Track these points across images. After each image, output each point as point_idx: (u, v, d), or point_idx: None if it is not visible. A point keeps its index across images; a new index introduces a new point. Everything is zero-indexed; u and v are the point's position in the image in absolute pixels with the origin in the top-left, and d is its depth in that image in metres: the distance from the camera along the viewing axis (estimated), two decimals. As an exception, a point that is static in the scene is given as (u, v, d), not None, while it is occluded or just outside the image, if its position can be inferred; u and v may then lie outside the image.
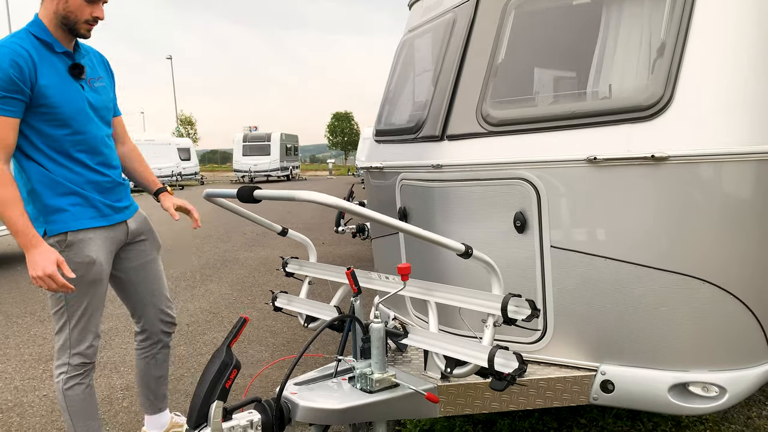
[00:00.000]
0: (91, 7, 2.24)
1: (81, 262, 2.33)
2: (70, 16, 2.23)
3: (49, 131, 2.26)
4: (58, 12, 2.22)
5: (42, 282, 2.15)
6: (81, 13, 2.23)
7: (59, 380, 2.47)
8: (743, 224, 2.21)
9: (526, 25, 2.64)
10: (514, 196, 2.43)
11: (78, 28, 2.26)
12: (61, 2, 2.20)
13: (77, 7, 2.21)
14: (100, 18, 2.30)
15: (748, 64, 2.20)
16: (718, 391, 2.25)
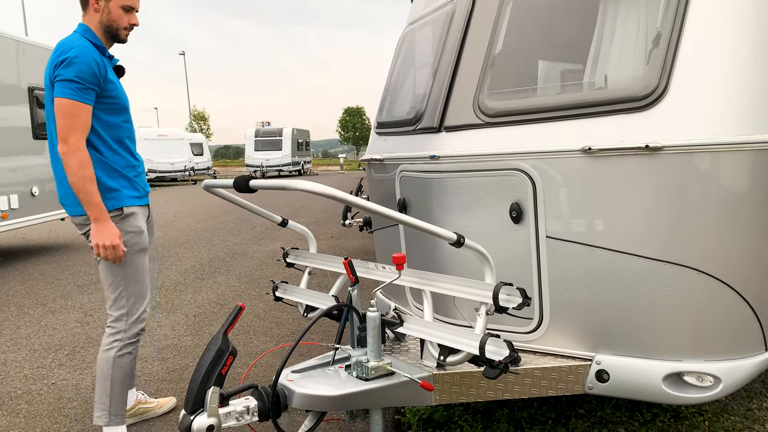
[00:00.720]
0: (128, 15, 2.65)
1: (133, 232, 2.70)
2: (112, 25, 2.63)
3: (110, 119, 2.64)
4: (103, 21, 2.62)
5: (105, 251, 2.56)
6: (121, 21, 2.64)
7: (112, 348, 2.71)
8: (739, 214, 2.21)
9: (523, 17, 2.65)
10: (510, 187, 2.44)
11: (119, 34, 2.68)
12: (104, 13, 2.61)
13: (118, 16, 2.62)
14: (136, 24, 2.71)
15: (743, 54, 2.19)
16: (712, 380, 2.25)
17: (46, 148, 8.48)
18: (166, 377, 3.78)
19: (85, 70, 2.46)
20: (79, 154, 2.48)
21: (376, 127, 3.54)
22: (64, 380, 3.77)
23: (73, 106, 2.45)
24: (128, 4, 2.64)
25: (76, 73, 2.45)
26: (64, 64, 2.45)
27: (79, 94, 2.46)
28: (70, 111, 2.45)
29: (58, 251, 8.77)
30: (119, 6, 2.62)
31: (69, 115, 2.45)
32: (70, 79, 2.44)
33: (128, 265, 2.68)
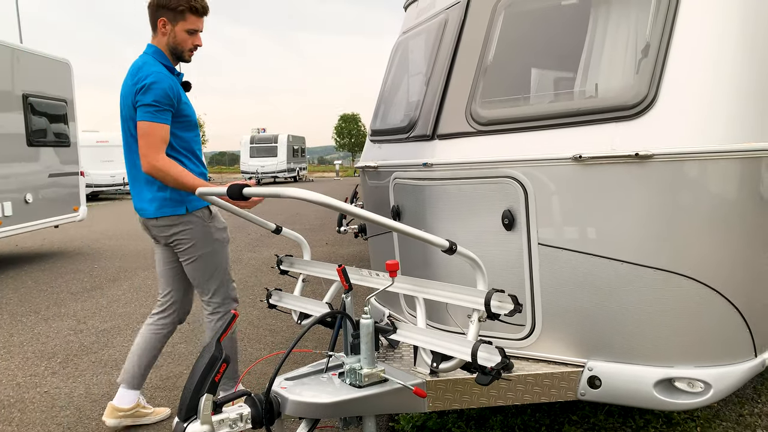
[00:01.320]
0: (192, 37, 2.83)
1: (222, 228, 2.99)
2: (178, 47, 2.82)
3: (184, 135, 2.84)
4: (169, 44, 2.81)
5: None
6: (186, 44, 2.83)
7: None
8: (728, 222, 2.24)
9: (515, 26, 2.68)
10: (503, 194, 2.46)
11: (184, 55, 2.87)
12: (170, 36, 2.79)
13: (183, 39, 2.81)
14: (200, 45, 2.88)
15: (731, 63, 2.23)
16: (703, 386, 2.27)
17: (40, 155, 8.48)
18: (160, 385, 3.77)
19: (161, 94, 2.66)
20: (159, 163, 2.67)
21: (371, 134, 3.56)
22: (57, 388, 3.75)
23: (149, 127, 2.66)
24: (192, 27, 2.80)
25: (154, 98, 2.65)
26: (143, 91, 2.66)
27: (156, 116, 2.66)
28: (147, 131, 2.66)
29: (51, 259, 8.74)
30: (184, 30, 2.79)
31: (146, 134, 2.67)
32: (148, 104, 2.65)
33: (221, 256, 2.95)
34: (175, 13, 2.74)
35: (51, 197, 8.75)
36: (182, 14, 2.75)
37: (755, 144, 2.21)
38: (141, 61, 2.78)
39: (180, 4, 2.73)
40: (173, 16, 2.75)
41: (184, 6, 2.73)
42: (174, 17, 2.76)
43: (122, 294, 6.31)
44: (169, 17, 2.76)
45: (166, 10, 2.75)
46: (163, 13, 2.76)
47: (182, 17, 2.76)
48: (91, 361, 4.25)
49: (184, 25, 2.77)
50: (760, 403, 3.25)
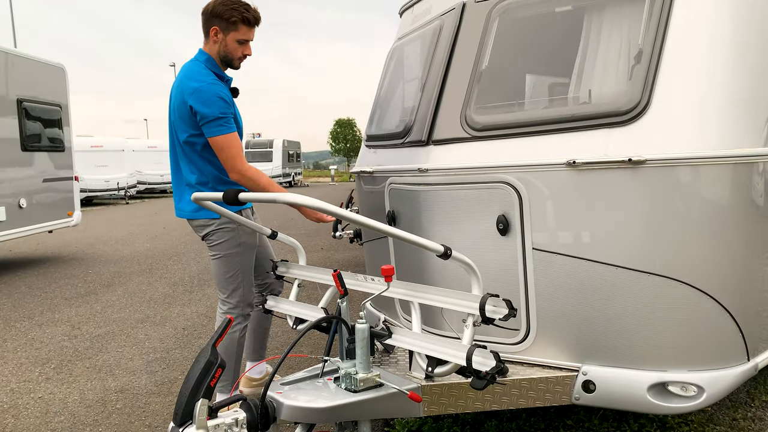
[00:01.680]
0: (242, 47, 2.89)
1: (249, 232, 3.00)
2: (228, 55, 2.88)
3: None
4: (220, 52, 2.87)
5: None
6: (236, 53, 2.89)
7: (235, 331, 3.03)
8: (720, 227, 2.26)
9: (509, 33, 2.70)
10: (497, 200, 2.48)
11: (234, 63, 2.93)
12: (221, 45, 2.85)
13: (233, 48, 2.87)
14: (249, 55, 2.94)
15: (722, 70, 2.25)
16: (696, 390, 2.29)
17: (34, 160, 8.46)
18: (155, 390, 3.76)
19: (220, 105, 2.74)
20: (248, 173, 2.79)
21: (366, 139, 3.58)
22: (51, 394, 3.74)
23: (224, 140, 2.75)
24: (243, 37, 2.86)
25: (214, 111, 2.72)
26: (201, 103, 2.71)
27: (224, 128, 2.75)
28: (224, 145, 2.75)
29: (45, 264, 8.71)
30: (235, 40, 2.84)
31: (224, 148, 2.76)
32: (215, 118, 2.72)
33: (244, 259, 3.01)
34: (228, 23, 2.80)
35: (45, 202, 8.72)
36: (234, 25, 2.81)
37: (747, 150, 2.23)
38: (192, 69, 2.83)
39: (233, 15, 2.79)
40: (226, 26, 2.81)
41: (237, 17, 2.79)
42: (226, 27, 2.81)
43: (117, 299, 6.29)
44: (222, 27, 2.81)
45: (219, 20, 2.81)
46: (216, 23, 2.82)
47: (234, 28, 2.82)
48: (85, 366, 4.23)
49: (236, 35, 2.83)
50: (754, 407, 3.27)
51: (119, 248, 10.05)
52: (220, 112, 2.73)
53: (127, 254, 9.37)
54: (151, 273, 7.66)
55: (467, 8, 2.83)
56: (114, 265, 8.36)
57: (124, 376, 4.01)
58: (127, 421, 3.33)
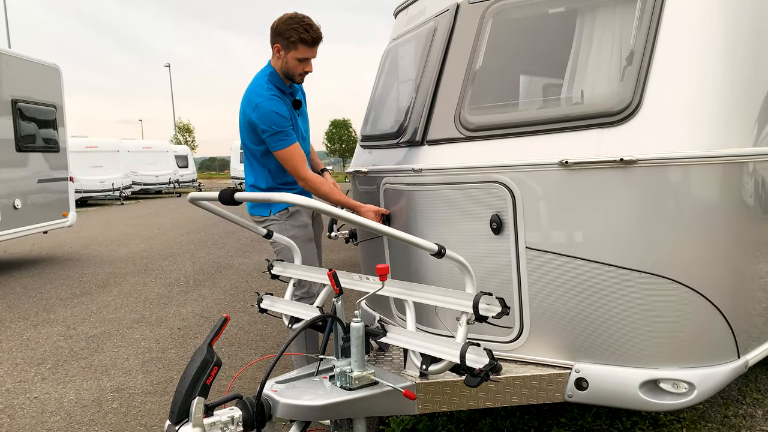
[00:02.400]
0: (302, 64, 2.99)
1: (299, 226, 3.12)
2: (289, 72, 3.00)
3: None
4: (282, 67, 3.00)
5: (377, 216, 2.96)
6: (296, 69, 2.99)
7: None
8: (711, 226, 2.29)
9: (503, 34, 2.72)
10: (491, 199, 2.50)
11: (295, 78, 3.04)
12: (283, 62, 2.97)
13: (294, 65, 2.97)
14: (309, 71, 3.04)
15: (713, 71, 2.28)
16: (687, 387, 2.31)
17: (29, 160, 8.45)
18: (151, 390, 3.77)
19: (276, 120, 2.88)
20: (312, 181, 2.94)
21: (361, 140, 3.60)
22: (47, 394, 3.75)
23: (285, 153, 2.91)
24: (303, 56, 2.95)
25: (272, 127, 2.87)
26: (260, 119, 2.88)
27: (284, 142, 2.89)
28: (285, 157, 2.92)
29: (40, 264, 8.70)
30: (295, 58, 2.94)
31: (286, 160, 2.92)
32: (273, 133, 2.88)
33: (301, 252, 3.04)
34: (288, 42, 2.91)
35: (40, 203, 8.71)
36: (294, 44, 2.91)
37: (737, 150, 2.26)
38: (256, 83, 3.00)
39: (292, 36, 2.89)
40: (286, 44, 2.92)
41: (296, 38, 2.89)
42: (287, 45, 2.92)
43: (112, 300, 6.29)
44: (283, 45, 2.93)
45: (281, 38, 2.93)
46: (278, 41, 2.94)
47: (294, 47, 2.92)
48: (81, 366, 4.24)
49: (296, 53, 2.93)
50: (745, 404, 3.30)
51: (114, 249, 10.04)
52: (278, 127, 2.87)
53: (122, 255, 9.36)
54: (146, 273, 7.66)
55: (461, 9, 2.86)
56: (109, 266, 8.35)
57: (120, 376, 4.02)
58: (123, 421, 3.34)
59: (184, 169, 29.59)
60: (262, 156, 3.04)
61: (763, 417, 3.15)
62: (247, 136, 3.03)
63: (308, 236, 3.16)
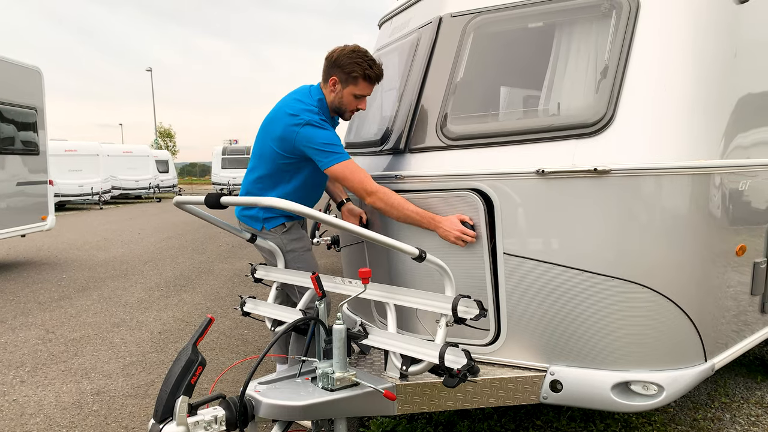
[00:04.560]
0: (357, 101, 2.81)
1: (296, 238, 2.98)
2: (341, 107, 2.82)
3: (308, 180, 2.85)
4: (334, 102, 2.80)
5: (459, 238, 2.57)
6: (350, 106, 2.81)
7: None
8: (680, 234, 2.39)
9: (484, 47, 2.81)
10: (470, 206, 2.58)
11: (345, 115, 2.87)
12: (338, 96, 2.78)
13: (349, 102, 2.79)
14: (362, 109, 2.87)
15: (683, 86, 2.39)
16: (656, 389, 2.41)
17: (8, 163, 8.37)
18: (132, 393, 3.78)
19: (334, 139, 2.66)
20: (380, 194, 2.61)
21: (345, 146, 3.65)
22: (26, 397, 3.73)
23: (343, 167, 2.61)
24: (361, 93, 2.78)
25: (329, 144, 2.63)
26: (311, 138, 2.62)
27: (338, 156, 2.62)
28: (344, 174, 2.62)
29: (17, 268, 8.60)
30: (352, 94, 2.76)
31: (347, 177, 2.62)
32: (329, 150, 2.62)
33: (302, 262, 2.99)
34: (349, 77, 2.72)
35: (18, 206, 8.62)
36: (355, 80, 2.73)
37: (705, 161, 2.37)
38: (304, 98, 2.76)
39: (354, 70, 2.70)
40: (345, 78, 2.73)
41: (359, 73, 2.71)
42: (346, 80, 2.73)
43: (91, 304, 6.26)
44: (341, 78, 2.73)
45: (341, 71, 2.73)
46: (337, 73, 2.74)
47: (354, 82, 2.73)
48: (60, 369, 4.22)
49: (354, 89, 2.75)
50: (713, 408, 3.41)
51: (94, 253, 9.96)
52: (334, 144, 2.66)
53: (101, 259, 9.29)
54: (126, 278, 7.62)
55: (444, 22, 2.94)
56: (88, 270, 8.29)
57: (100, 379, 4.02)
58: (103, 423, 3.35)
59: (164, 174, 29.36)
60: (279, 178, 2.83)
61: (731, 420, 3.26)
62: (271, 151, 2.77)
63: (307, 246, 3.08)
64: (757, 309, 2.91)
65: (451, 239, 2.57)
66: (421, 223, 2.61)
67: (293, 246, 2.99)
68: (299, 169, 2.81)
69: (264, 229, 2.93)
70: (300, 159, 2.74)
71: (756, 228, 2.81)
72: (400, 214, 2.61)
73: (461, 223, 2.57)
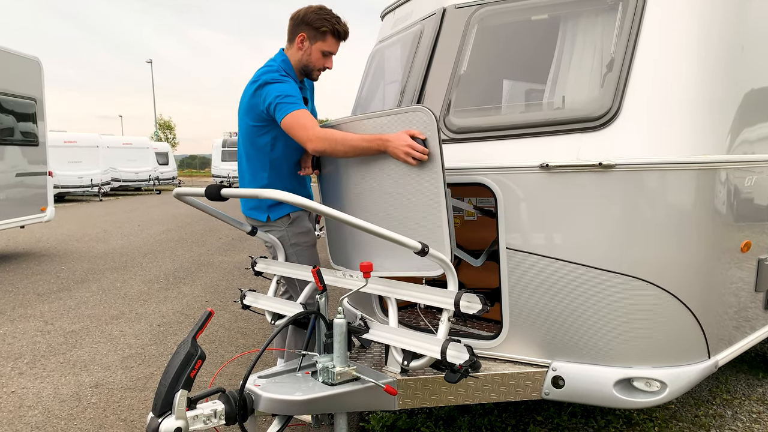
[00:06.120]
0: (325, 59, 2.82)
1: (302, 232, 2.97)
2: (309, 65, 2.82)
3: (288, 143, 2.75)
4: (302, 61, 2.81)
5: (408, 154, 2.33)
6: (317, 64, 2.82)
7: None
8: (684, 229, 2.36)
9: (487, 39, 2.78)
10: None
11: (312, 74, 2.88)
12: (306, 53, 2.79)
13: (317, 59, 2.80)
14: (329, 68, 2.87)
15: (689, 79, 2.36)
16: (659, 386, 2.39)
17: (7, 154, 8.34)
18: (131, 385, 3.76)
19: (291, 91, 2.63)
20: (321, 134, 2.51)
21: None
22: (24, 388, 3.72)
23: (290, 117, 2.57)
24: (328, 49, 2.79)
25: (278, 92, 2.61)
26: (269, 94, 2.62)
27: (294, 105, 2.58)
28: (291, 123, 2.57)
29: (16, 260, 8.58)
30: (320, 50, 2.78)
31: (292, 126, 2.57)
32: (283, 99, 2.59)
33: (302, 259, 2.97)
34: (317, 32, 2.74)
35: (18, 197, 8.59)
36: (323, 35, 2.75)
37: (710, 156, 2.34)
38: (266, 66, 2.77)
39: (324, 25, 2.73)
40: (314, 34, 2.75)
41: (328, 28, 2.73)
42: (314, 36, 2.75)
43: (91, 295, 6.24)
44: (309, 35, 2.75)
45: (309, 28, 2.75)
46: (305, 29, 2.75)
47: (322, 38, 2.75)
48: (59, 361, 4.21)
49: (322, 45, 2.77)
50: (715, 404, 3.40)
51: (93, 245, 9.94)
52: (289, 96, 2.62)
53: (101, 251, 9.27)
54: (125, 270, 7.60)
55: (447, 14, 2.91)
56: (88, 262, 8.27)
57: (99, 372, 4.00)
58: (102, 416, 3.34)
59: (164, 167, 29.31)
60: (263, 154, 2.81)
61: (732, 417, 3.24)
62: (247, 127, 2.79)
63: (312, 241, 3.03)
64: (760, 306, 2.89)
65: (401, 156, 2.34)
66: (371, 148, 2.46)
67: (297, 240, 2.95)
68: (275, 139, 2.78)
69: (269, 218, 2.90)
70: (270, 124, 2.72)
71: (761, 224, 2.78)
72: (347, 147, 2.49)
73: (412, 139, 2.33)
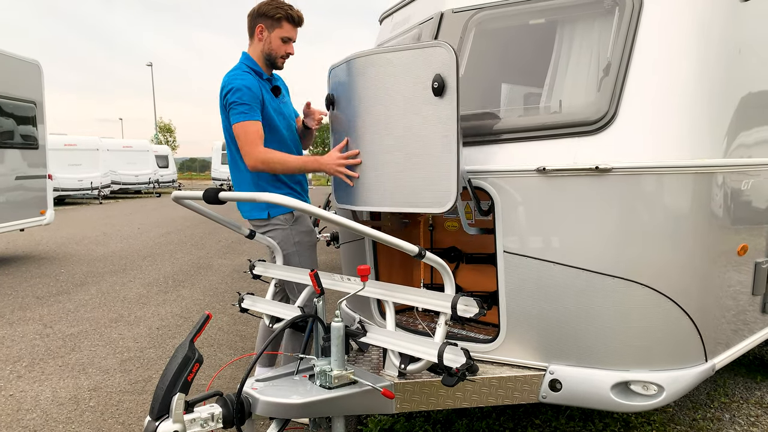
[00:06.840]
0: (285, 45, 2.98)
1: (305, 231, 3.05)
2: (271, 53, 2.98)
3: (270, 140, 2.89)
4: (264, 50, 2.97)
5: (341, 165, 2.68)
6: (279, 51, 2.98)
7: None
8: (681, 233, 2.37)
9: (485, 43, 2.79)
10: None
11: (276, 62, 3.01)
12: (266, 43, 2.96)
13: (278, 46, 2.96)
14: (292, 54, 3.03)
15: (686, 84, 2.37)
16: (656, 389, 2.39)
17: (7, 157, 8.34)
18: (129, 389, 3.76)
19: (241, 93, 2.79)
20: (259, 155, 2.76)
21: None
22: (23, 392, 3.72)
23: (240, 127, 2.79)
24: (287, 35, 2.96)
25: (235, 98, 2.79)
26: (227, 95, 2.82)
27: (245, 115, 2.78)
28: (238, 133, 2.80)
29: (16, 262, 8.58)
30: (279, 37, 2.95)
31: (239, 135, 2.80)
32: (233, 104, 2.79)
33: (304, 258, 3.03)
34: (273, 20, 2.92)
35: (17, 200, 8.60)
36: (279, 22, 2.92)
37: (708, 160, 2.35)
38: (231, 70, 2.94)
39: (278, 13, 2.90)
40: (270, 23, 2.93)
41: (282, 14, 2.91)
42: (271, 24, 2.93)
43: (90, 299, 6.24)
44: (267, 24, 2.93)
45: (265, 18, 2.92)
46: (262, 20, 2.93)
47: (279, 25, 2.93)
48: (57, 365, 4.21)
49: (280, 32, 2.94)
50: (713, 408, 3.40)
51: (92, 248, 9.94)
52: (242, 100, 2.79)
53: (100, 254, 9.27)
54: (125, 273, 7.60)
55: (445, 18, 2.92)
56: (87, 265, 8.27)
57: (98, 375, 4.00)
58: (100, 419, 3.34)
59: (164, 170, 29.32)
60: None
61: (730, 420, 3.25)
62: (229, 133, 2.92)
63: (312, 242, 3.10)
64: (758, 309, 2.90)
65: (334, 172, 2.69)
66: (306, 169, 2.82)
67: (301, 238, 3.01)
68: None
69: (269, 215, 2.95)
70: None
71: (758, 228, 2.79)
72: (285, 168, 2.81)
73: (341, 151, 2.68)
